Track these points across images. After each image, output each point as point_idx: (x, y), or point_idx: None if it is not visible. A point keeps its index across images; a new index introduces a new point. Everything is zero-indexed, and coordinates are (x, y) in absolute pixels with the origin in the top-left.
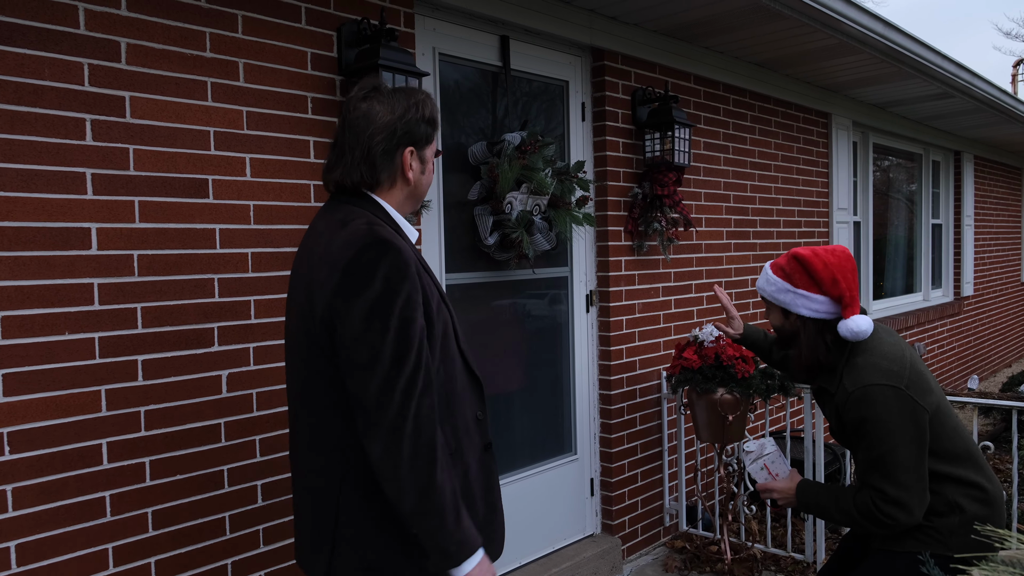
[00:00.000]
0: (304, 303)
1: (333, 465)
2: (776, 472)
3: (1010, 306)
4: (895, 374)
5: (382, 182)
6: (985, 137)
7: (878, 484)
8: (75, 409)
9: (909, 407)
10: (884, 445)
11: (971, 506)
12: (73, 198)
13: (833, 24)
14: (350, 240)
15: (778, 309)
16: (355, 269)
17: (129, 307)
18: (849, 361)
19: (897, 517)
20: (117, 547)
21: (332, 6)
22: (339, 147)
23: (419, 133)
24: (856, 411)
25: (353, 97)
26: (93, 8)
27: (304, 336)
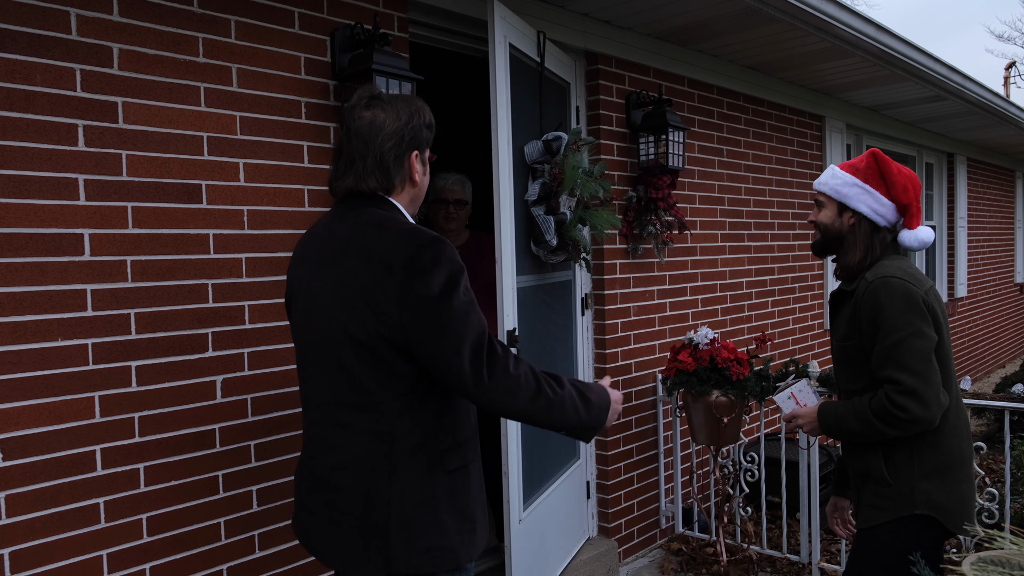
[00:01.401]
0: (343, 306)
1: (377, 460)
2: (804, 401)
3: (1004, 307)
4: (917, 280)
5: (396, 186)
6: (978, 139)
7: (893, 374)
8: (68, 415)
9: (923, 310)
10: (900, 332)
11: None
12: (66, 204)
13: (825, 28)
14: (401, 240)
15: (834, 205)
16: (419, 267)
17: (122, 313)
18: (877, 263)
19: (912, 410)
20: (111, 554)
21: (325, 11)
22: (346, 155)
23: (422, 138)
24: (873, 299)
25: (355, 106)
26: (85, 14)
27: (345, 337)
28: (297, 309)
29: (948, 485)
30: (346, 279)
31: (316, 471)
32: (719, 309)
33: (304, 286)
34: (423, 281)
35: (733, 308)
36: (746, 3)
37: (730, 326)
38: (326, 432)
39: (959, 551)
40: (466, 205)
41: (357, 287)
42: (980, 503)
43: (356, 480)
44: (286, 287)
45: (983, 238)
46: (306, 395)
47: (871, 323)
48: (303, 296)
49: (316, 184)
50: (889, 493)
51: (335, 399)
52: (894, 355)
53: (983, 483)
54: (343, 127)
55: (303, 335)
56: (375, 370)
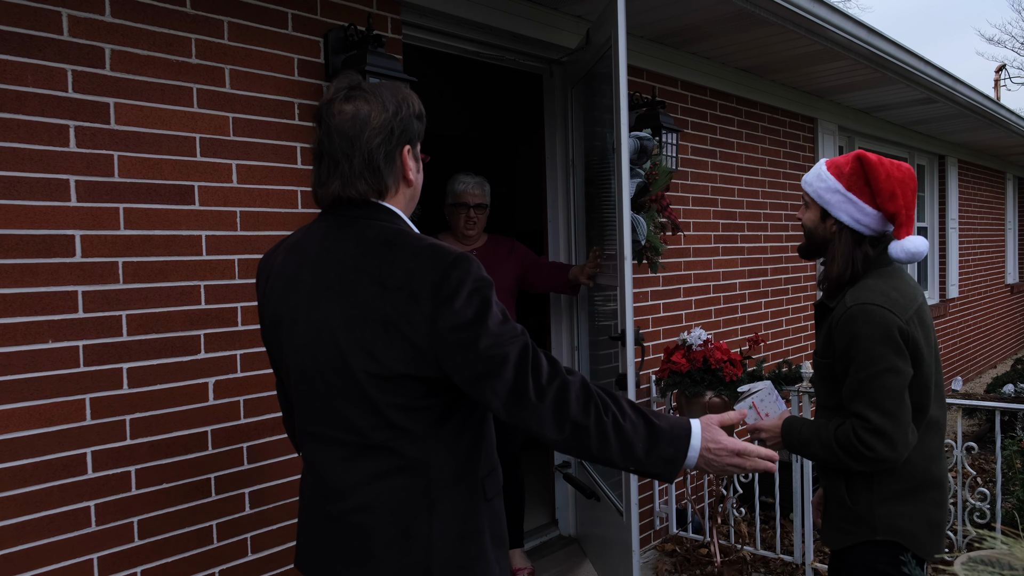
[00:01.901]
0: (358, 340)
1: (414, 497)
2: (765, 412)
3: (995, 308)
4: (900, 306)
5: (389, 188)
6: (969, 141)
7: (862, 411)
8: (59, 418)
9: (899, 344)
10: (873, 367)
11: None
12: (57, 205)
13: (817, 30)
14: (421, 261)
15: (817, 209)
16: (448, 292)
17: (114, 315)
18: (861, 280)
19: (877, 449)
20: (102, 557)
21: (319, 12)
22: (329, 157)
23: (414, 130)
24: (849, 326)
25: (333, 99)
26: (77, 14)
27: (363, 374)
28: (291, 341)
29: (911, 510)
30: (360, 311)
31: (340, 517)
32: (712, 310)
33: (303, 316)
34: (454, 308)
35: (726, 309)
36: (738, 6)
37: (723, 327)
38: (350, 472)
39: (951, 551)
40: (486, 208)
41: (375, 319)
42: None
43: (389, 521)
44: (267, 311)
45: (974, 239)
46: (311, 433)
47: (845, 351)
48: (302, 327)
49: (309, 185)
50: (850, 517)
51: (358, 438)
52: (865, 391)
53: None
54: (320, 125)
55: (307, 372)
56: (402, 405)
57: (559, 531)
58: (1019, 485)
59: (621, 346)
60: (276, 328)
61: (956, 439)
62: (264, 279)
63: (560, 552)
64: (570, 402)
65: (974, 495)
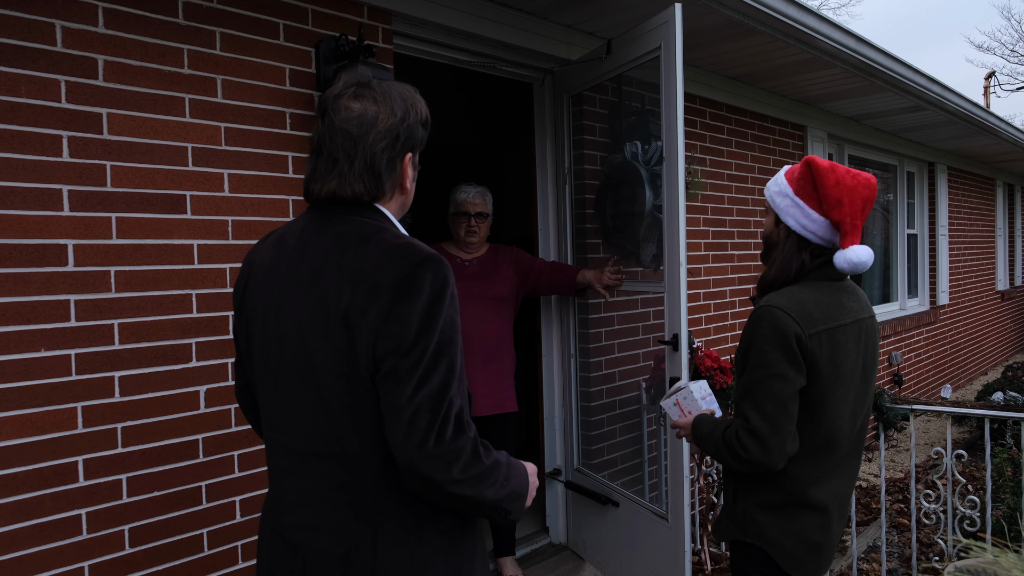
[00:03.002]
0: (320, 335)
1: (358, 520)
2: (688, 409)
3: (985, 314)
4: (809, 318)
5: (385, 193)
6: (958, 148)
7: (745, 411)
8: (51, 426)
9: (795, 352)
10: (762, 371)
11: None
12: (49, 214)
13: (806, 39)
14: (392, 256)
15: (772, 214)
16: (409, 289)
17: (106, 323)
18: (788, 286)
19: (751, 450)
20: (93, 565)
21: (310, 23)
22: (328, 154)
23: (417, 137)
24: (753, 327)
25: (340, 95)
26: (70, 25)
27: (321, 373)
28: (261, 335)
29: (784, 523)
30: (324, 304)
31: (282, 532)
32: (703, 318)
33: (274, 311)
34: (407, 305)
35: (716, 317)
36: (727, 16)
37: (714, 335)
38: (296, 485)
39: (941, 559)
40: (487, 218)
41: (336, 313)
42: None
43: (332, 544)
44: (244, 305)
45: (964, 246)
46: (273, 440)
47: (744, 350)
48: (272, 323)
49: (301, 195)
50: (730, 514)
51: (308, 446)
52: (751, 391)
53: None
54: (323, 119)
55: (269, 368)
56: (354, 412)
57: (549, 538)
58: (1009, 493)
59: (672, 350)
60: (251, 324)
61: (945, 447)
62: (245, 272)
63: (551, 559)
64: (466, 453)
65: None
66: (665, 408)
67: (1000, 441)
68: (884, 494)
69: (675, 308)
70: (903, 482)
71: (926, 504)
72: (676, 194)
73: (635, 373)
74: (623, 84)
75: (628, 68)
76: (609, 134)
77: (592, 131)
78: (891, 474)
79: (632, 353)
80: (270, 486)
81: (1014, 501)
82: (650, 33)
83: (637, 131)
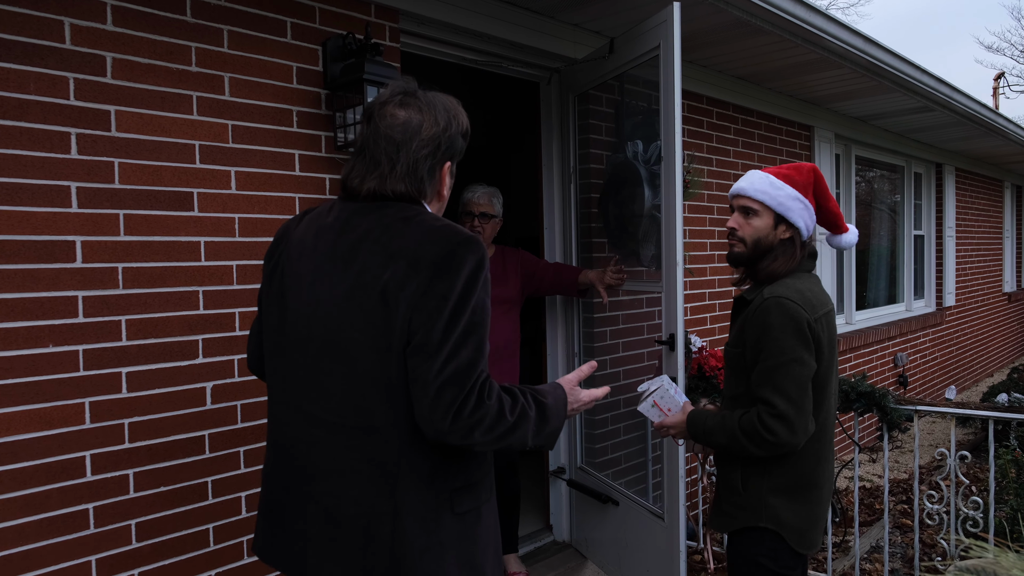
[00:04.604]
0: (357, 309)
1: (380, 495)
2: (667, 407)
3: (992, 316)
4: (811, 305)
5: (426, 196)
6: (966, 149)
7: (768, 396)
8: (59, 421)
9: (807, 337)
10: (782, 356)
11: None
12: (58, 211)
13: (814, 39)
14: (434, 235)
15: (770, 216)
16: (448, 266)
17: (113, 319)
18: (780, 279)
19: (779, 433)
20: (100, 559)
21: (317, 21)
22: (370, 156)
23: (457, 147)
24: (763, 317)
25: (387, 103)
26: (79, 23)
27: (356, 347)
28: (296, 310)
29: (796, 504)
30: (363, 278)
31: (314, 497)
32: (708, 317)
33: (307, 284)
34: (445, 281)
35: (722, 317)
36: (735, 15)
37: (718, 335)
38: (325, 454)
39: (944, 559)
40: (493, 218)
41: (374, 287)
42: (965, 511)
43: (356, 514)
44: (272, 274)
45: (971, 248)
46: (291, 406)
47: (756, 340)
48: (306, 295)
49: (307, 192)
50: (739, 503)
51: (337, 418)
52: (773, 378)
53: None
54: (368, 122)
55: (300, 339)
56: (384, 386)
57: (553, 536)
58: (1013, 494)
59: (669, 350)
60: (282, 297)
61: (949, 447)
62: (278, 245)
63: (555, 557)
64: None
65: (967, 504)
66: (644, 412)
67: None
68: (887, 494)
69: (672, 308)
70: (907, 483)
71: (929, 505)
72: (674, 194)
73: (639, 372)
74: (626, 83)
75: (630, 67)
76: (614, 133)
77: (598, 130)
78: (895, 475)
79: (636, 352)
80: (282, 457)
81: (1017, 502)
82: (650, 32)
83: (639, 130)
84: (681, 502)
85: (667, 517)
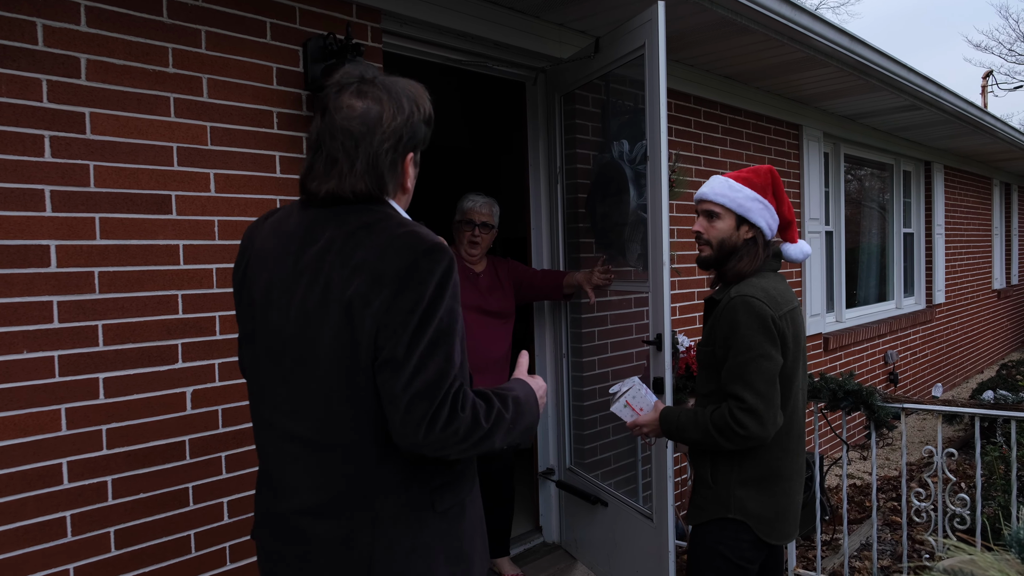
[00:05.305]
0: (321, 324)
1: (357, 504)
2: (640, 407)
3: (982, 313)
4: (776, 303)
5: (388, 193)
6: (954, 147)
7: (738, 392)
8: (34, 428)
9: (773, 333)
10: (750, 352)
11: None
12: (31, 215)
13: (800, 38)
14: (396, 245)
15: (732, 218)
16: (412, 279)
17: (90, 324)
18: (747, 279)
19: (749, 427)
20: (79, 567)
21: (298, 21)
22: (327, 152)
23: (420, 136)
24: (731, 315)
25: (343, 91)
26: (52, 24)
27: (323, 361)
28: (262, 321)
29: (764, 495)
30: (328, 293)
31: (284, 518)
32: (696, 317)
33: (275, 297)
34: (410, 295)
35: None
36: (719, 14)
37: None
38: (296, 470)
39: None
40: (492, 229)
41: (339, 302)
42: (952, 509)
43: (333, 527)
44: (241, 285)
45: (961, 245)
46: (277, 424)
47: (725, 338)
48: (275, 312)
49: (288, 194)
50: (709, 495)
51: (310, 433)
52: (742, 373)
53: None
54: (323, 115)
55: (273, 354)
56: (353, 402)
57: (543, 538)
58: (1000, 491)
59: (656, 350)
60: (252, 308)
61: (936, 445)
62: (244, 254)
63: (545, 558)
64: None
65: (955, 501)
66: (617, 412)
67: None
68: (875, 492)
69: (659, 308)
70: (898, 480)
71: (917, 502)
72: (659, 193)
73: (628, 373)
74: (611, 82)
75: (615, 67)
76: (600, 133)
77: (585, 130)
78: (886, 472)
79: (626, 352)
80: (264, 470)
81: (1004, 499)
82: (635, 31)
83: (624, 130)
84: (670, 502)
85: (656, 518)
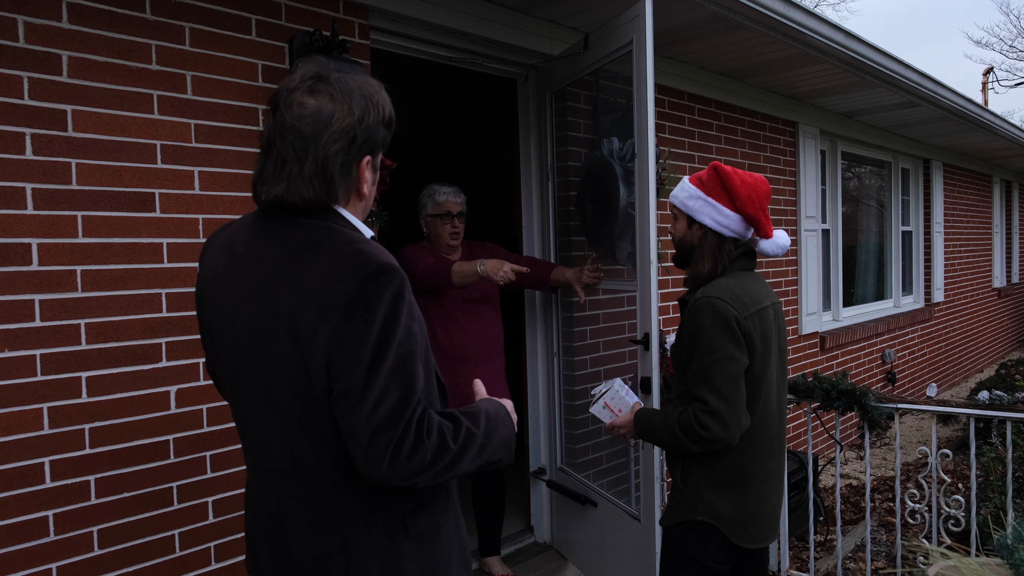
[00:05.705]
0: (271, 352)
1: (326, 534)
2: (618, 408)
3: (981, 312)
4: (741, 303)
5: (339, 199)
6: (953, 145)
7: (701, 394)
8: (15, 428)
9: (737, 335)
10: (712, 355)
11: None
12: (12, 213)
13: (793, 34)
14: (342, 269)
15: (684, 218)
16: (360, 307)
17: (72, 323)
18: (717, 279)
19: (713, 429)
20: (61, 567)
21: (283, 18)
22: (277, 153)
23: (378, 138)
24: (695, 317)
25: (295, 90)
26: (33, 21)
27: (275, 391)
28: (220, 345)
29: (733, 497)
30: (275, 320)
31: (274, 545)
32: None
33: (228, 322)
34: (359, 326)
35: None
36: (712, 10)
37: None
38: (272, 502)
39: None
40: (464, 216)
41: (287, 330)
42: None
43: (307, 555)
44: (200, 310)
45: (960, 243)
46: (247, 447)
47: (691, 339)
48: (228, 336)
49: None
50: (680, 497)
51: (268, 461)
52: (705, 376)
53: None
54: (274, 114)
55: (233, 379)
56: (308, 430)
57: (534, 538)
58: (996, 492)
59: (644, 350)
60: (211, 330)
61: (931, 445)
62: (201, 275)
63: (536, 558)
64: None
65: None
66: (595, 414)
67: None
68: (869, 493)
69: (647, 307)
70: (893, 480)
71: (911, 504)
72: (647, 191)
73: (620, 372)
74: (601, 79)
75: (604, 63)
76: (591, 130)
77: (576, 127)
78: (883, 472)
79: (618, 351)
80: (251, 499)
81: (1000, 500)
82: (623, 27)
83: (615, 127)
84: (657, 504)
85: (643, 519)
